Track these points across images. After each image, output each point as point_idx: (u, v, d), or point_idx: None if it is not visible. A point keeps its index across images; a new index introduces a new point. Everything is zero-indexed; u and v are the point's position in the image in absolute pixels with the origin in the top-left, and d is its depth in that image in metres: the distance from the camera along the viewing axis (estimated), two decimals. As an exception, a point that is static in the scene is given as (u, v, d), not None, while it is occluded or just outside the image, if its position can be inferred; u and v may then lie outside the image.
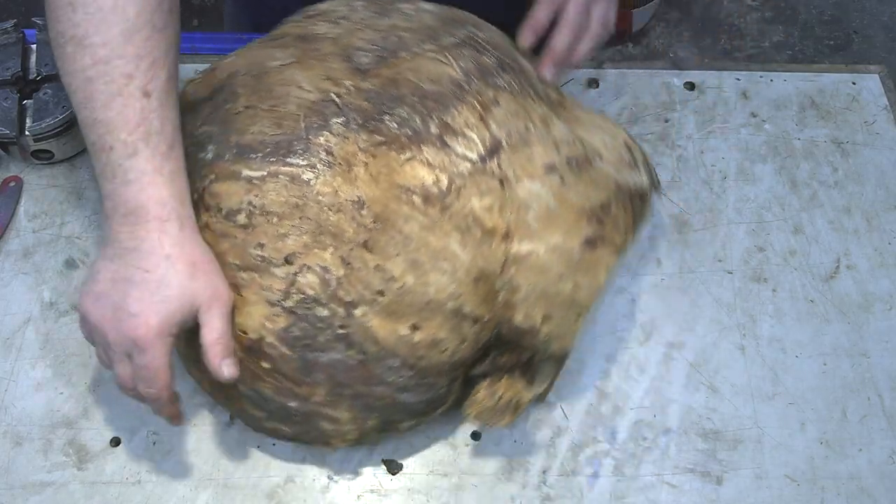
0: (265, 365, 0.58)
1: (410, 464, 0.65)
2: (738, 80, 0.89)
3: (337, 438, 0.61)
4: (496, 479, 0.65)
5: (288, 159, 0.58)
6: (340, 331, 0.56)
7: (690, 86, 0.88)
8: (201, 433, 0.66)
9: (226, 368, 0.56)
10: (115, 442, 0.65)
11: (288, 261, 0.57)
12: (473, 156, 0.58)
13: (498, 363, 0.62)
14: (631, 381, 0.70)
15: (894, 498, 0.65)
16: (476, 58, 0.63)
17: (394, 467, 0.65)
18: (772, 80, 0.89)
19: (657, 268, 0.76)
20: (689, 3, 1.97)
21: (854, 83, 0.89)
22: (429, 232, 0.57)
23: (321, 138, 0.59)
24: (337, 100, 0.60)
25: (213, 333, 0.55)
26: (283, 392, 0.58)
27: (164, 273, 0.54)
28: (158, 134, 0.55)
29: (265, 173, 0.58)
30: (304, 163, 0.58)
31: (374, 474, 0.65)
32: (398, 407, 0.60)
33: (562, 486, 0.64)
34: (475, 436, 0.67)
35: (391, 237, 0.57)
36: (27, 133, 0.76)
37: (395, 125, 0.59)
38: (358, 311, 0.56)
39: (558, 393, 0.68)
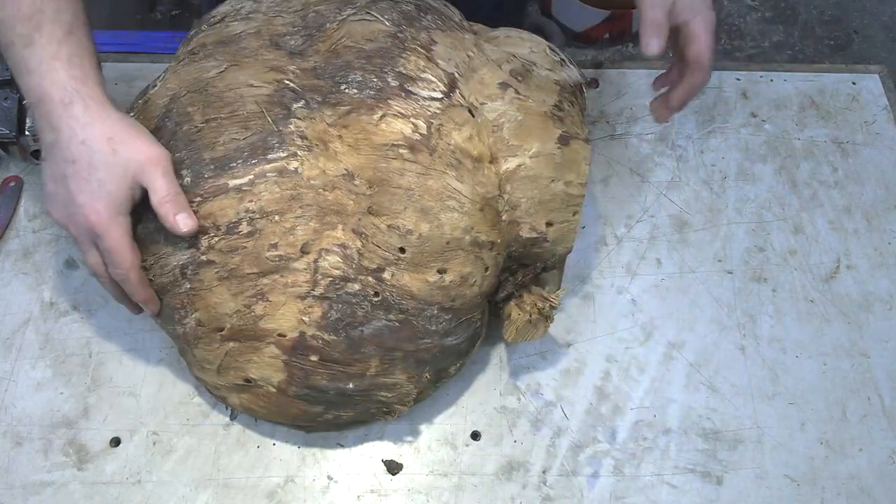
0: (313, 358, 0.58)
1: (410, 464, 0.65)
2: (738, 80, 0.89)
3: (399, 404, 0.62)
4: (496, 479, 0.65)
5: (268, 156, 0.58)
6: (375, 299, 0.58)
7: (690, 86, 0.88)
8: (201, 433, 0.66)
9: (181, 222, 0.56)
10: (115, 442, 0.65)
11: (304, 251, 0.57)
12: (438, 94, 0.60)
13: (517, 282, 0.65)
14: (631, 381, 0.70)
15: (894, 498, 0.65)
16: (395, 7, 0.64)
17: (394, 467, 0.65)
18: (772, 80, 0.89)
19: (657, 268, 0.76)
20: (689, 3, 1.96)
21: (854, 83, 0.89)
22: (426, 177, 0.58)
23: (291, 126, 0.59)
24: (291, 84, 0.61)
25: (159, 194, 0.56)
26: (337, 377, 0.59)
27: (88, 157, 0.56)
28: (52, 22, 0.57)
29: (252, 177, 0.58)
30: (285, 154, 0.58)
31: (374, 474, 0.65)
32: (446, 352, 0.62)
33: (562, 486, 0.64)
34: (475, 436, 0.67)
35: (393, 195, 0.58)
36: (27, 133, 0.76)
37: (355, 90, 0.60)
38: (386, 274, 0.57)
39: (558, 393, 0.69)
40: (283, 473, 0.64)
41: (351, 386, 0.59)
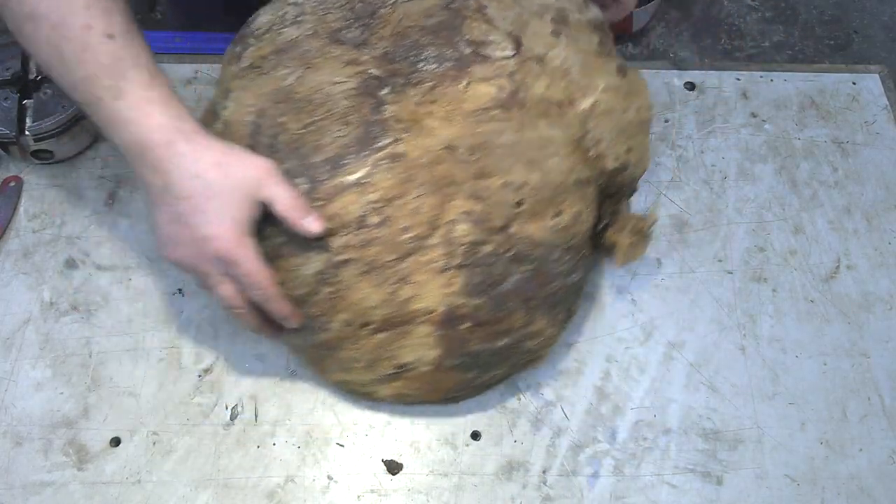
0: (465, 325, 0.60)
1: (410, 464, 0.65)
2: (738, 80, 0.89)
3: (544, 348, 0.66)
4: (496, 479, 0.65)
5: (376, 144, 0.59)
6: (508, 254, 0.60)
7: (690, 86, 0.88)
8: (201, 433, 0.66)
9: (310, 225, 0.57)
10: (115, 442, 0.65)
11: (434, 226, 0.59)
12: (509, 52, 0.63)
13: (610, 210, 0.69)
14: (631, 381, 0.70)
15: (894, 498, 0.65)
16: None
17: (394, 467, 0.65)
18: (772, 80, 0.89)
19: (657, 268, 0.76)
20: (689, 3, 1.97)
21: (854, 83, 0.89)
22: (523, 131, 0.61)
23: (385, 112, 0.60)
24: (373, 73, 0.62)
25: (282, 202, 0.57)
26: (489, 338, 0.61)
27: (203, 189, 0.56)
28: (135, 67, 0.56)
29: (368, 168, 0.59)
30: (390, 140, 0.59)
31: (374, 474, 0.65)
32: (571, 290, 0.66)
33: (562, 486, 0.64)
34: (475, 436, 0.67)
35: (497, 155, 0.60)
36: (27, 133, 0.76)
37: (434, 65, 0.62)
38: (513, 229, 0.60)
39: (558, 393, 0.69)
40: (283, 473, 0.64)
41: (502, 343, 0.62)
